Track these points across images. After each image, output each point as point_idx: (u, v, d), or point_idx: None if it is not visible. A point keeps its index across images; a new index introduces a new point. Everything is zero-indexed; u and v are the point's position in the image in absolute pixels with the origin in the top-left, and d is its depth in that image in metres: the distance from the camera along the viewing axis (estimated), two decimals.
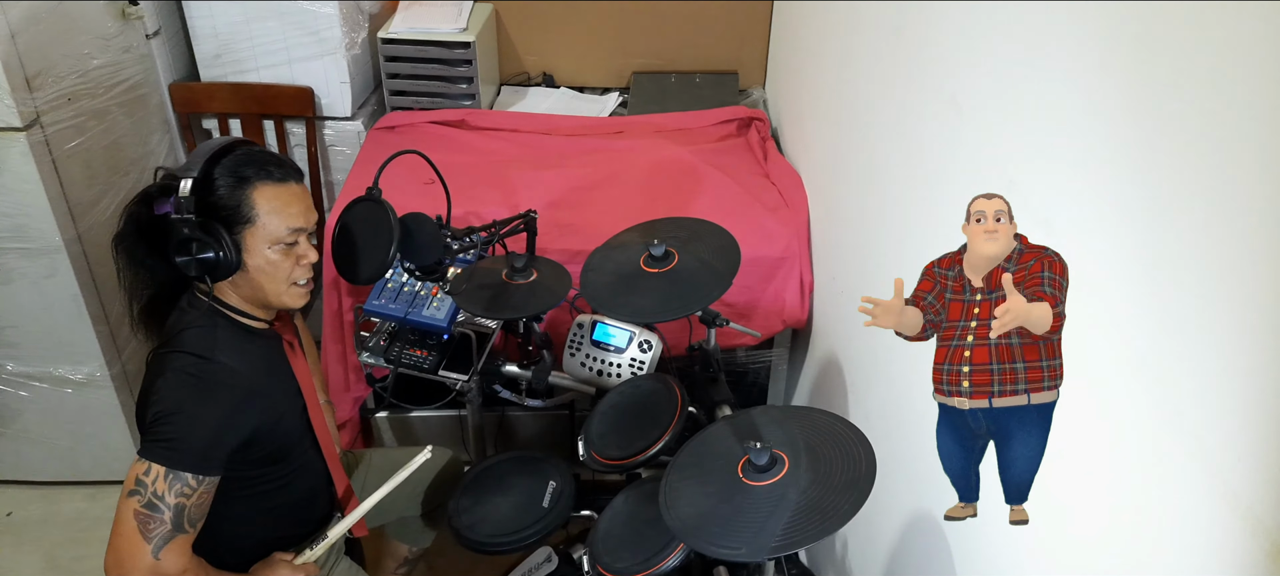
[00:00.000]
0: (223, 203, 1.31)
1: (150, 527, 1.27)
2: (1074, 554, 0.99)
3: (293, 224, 1.35)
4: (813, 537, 1.11)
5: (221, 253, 1.31)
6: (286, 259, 1.36)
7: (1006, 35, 1.12)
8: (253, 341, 1.42)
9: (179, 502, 1.28)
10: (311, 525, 1.59)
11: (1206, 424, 0.77)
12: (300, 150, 2.56)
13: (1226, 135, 0.73)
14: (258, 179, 1.33)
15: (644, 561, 1.35)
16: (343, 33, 2.43)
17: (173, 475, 1.27)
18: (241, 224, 1.32)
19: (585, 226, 2.07)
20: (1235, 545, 0.74)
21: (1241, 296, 0.73)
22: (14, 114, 1.88)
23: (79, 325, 2.14)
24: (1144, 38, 0.84)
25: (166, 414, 1.29)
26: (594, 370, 1.91)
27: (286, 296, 1.39)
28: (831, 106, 1.99)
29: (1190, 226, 0.78)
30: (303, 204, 1.38)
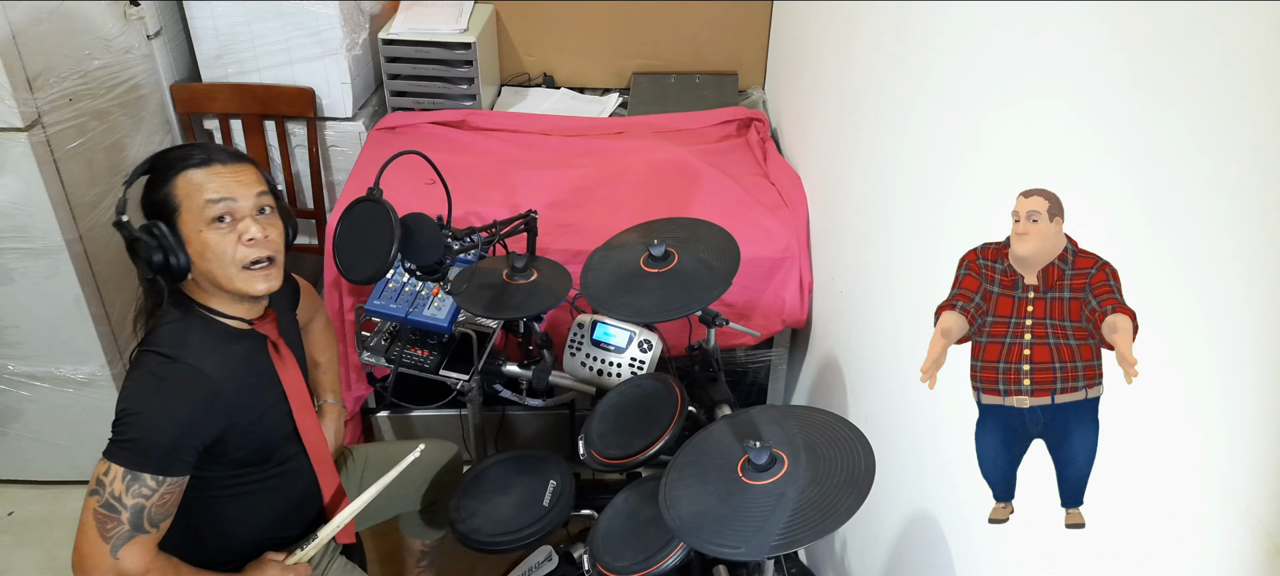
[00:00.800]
0: (155, 199, 1.32)
1: (108, 528, 1.26)
2: (1072, 552, 0.99)
3: (211, 196, 1.31)
4: (812, 537, 1.11)
5: (168, 253, 1.30)
6: (225, 239, 1.33)
7: (1006, 35, 1.12)
8: (230, 342, 1.39)
9: (137, 503, 1.26)
10: (303, 526, 1.58)
11: (1207, 423, 0.77)
12: (301, 151, 2.56)
13: (1227, 135, 0.74)
14: (182, 166, 1.32)
15: (644, 560, 1.35)
16: (343, 33, 2.43)
17: (131, 475, 1.26)
18: (172, 214, 1.31)
19: (585, 226, 2.08)
20: (1235, 545, 0.74)
21: (1242, 296, 0.73)
22: (15, 114, 1.88)
23: (80, 325, 2.14)
24: (1145, 37, 0.84)
25: (128, 413, 1.28)
26: (594, 370, 1.92)
27: (238, 280, 1.35)
28: (831, 107, 1.99)
29: (1191, 226, 0.78)
30: (224, 178, 1.34)
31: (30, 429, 2.31)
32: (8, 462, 2.39)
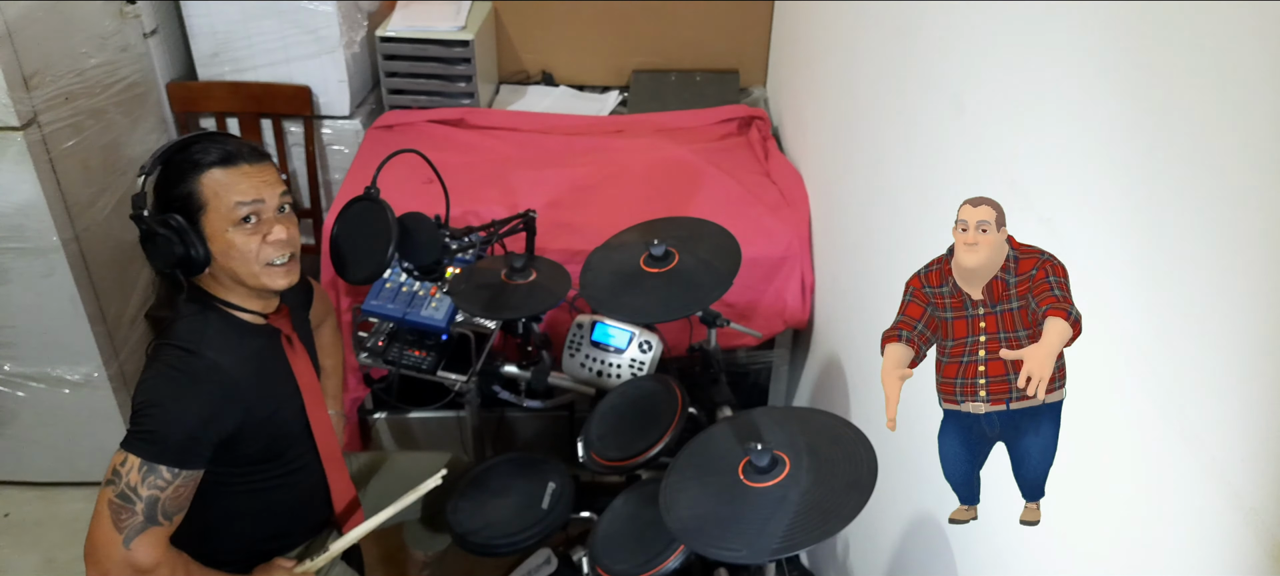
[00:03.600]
0: (177, 194, 1.32)
1: (123, 518, 1.27)
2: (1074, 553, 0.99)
3: (239, 198, 1.33)
4: (814, 539, 1.11)
5: (185, 248, 1.31)
6: (251, 238, 1.35)
7: (1009, 35, 1.11)
8: (246, 336, 1.41)
9: (152, 495, 1.27)
10: (311, 524, 1.59)
11: (1207, 423, 0.77)
12: (298, 149, 2.55)
13: (1227, 135, 0.73)
14: (207, 164, 1.32)
15: (644, 563, 1.35)
16: (341, 31, 2.42)
17: (147, 467, 1.27)
18: (197, 211, 1.32)
19: (585, 226, 2.07)
20: (1236, 545, 0.74)
21: (1242, 296, 0.72)
22: (11, 113, 1.87)
23: (76, 325, 2.13)
24: (1145, 37, 0.83)
25: (147, 405, 1.30)
26: (594, 371, 1.91)
27: (263, 277, 1.37)
28: (833, 105, 1.98)
29: (1191, 225, 0.78)
30: (253, 180, 1.35)
31: (26, 430, 2.30)
32: (3, 464, 2.38)
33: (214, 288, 1.39)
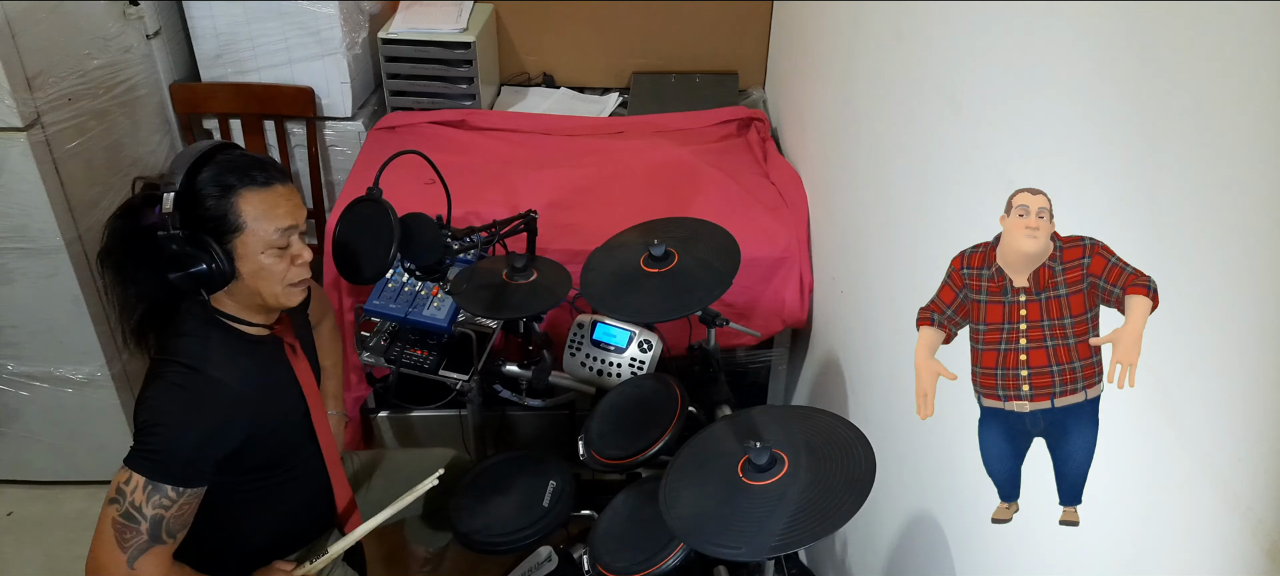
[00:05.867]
0: (210, 214, 1.28)
1: (126, 537, 1.26)
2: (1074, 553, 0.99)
3: (281, 225, 1.32)
4: (812, 537, 1.11)
5: (215, 265, 1.28)
6: (280, 261, 1.34)
7: (1007, 36, 1.11)
8: (250, 349, 1.40)
9: (157, 514, 1.27)
10: (313, 527, 1.59)
11: (1206, 424, 0.77)
12: (301, 150, 2.56)
13: (1226, 135, 0.73)
14: (242, 185, 1.29)
15: (644, 561, 1.35)
16: (343, 33, 2.43)
17: (152, 486, 1.26)
18: (231, 233, 1.29)
19: (585, 226, 2.07)
20: (1235, 545, 0.74)
21: (1242, 296, 0.72)
22: (14, 114, 1.88)
23: (79, 325, 2.14)
24: (1144, 37, 0.84)
25: (151, 424, 1.28)
26: (594, 370, 1.91)
27: (283, 296, 1.37)
28: (831, 107, 1.99)
29: (1191, 226, 0.78)
30: (289, 203, 1.34)
31: (29, 429, 2.31)
32: (7, 463, 2.39)
33: (220, 301, 1.37)
